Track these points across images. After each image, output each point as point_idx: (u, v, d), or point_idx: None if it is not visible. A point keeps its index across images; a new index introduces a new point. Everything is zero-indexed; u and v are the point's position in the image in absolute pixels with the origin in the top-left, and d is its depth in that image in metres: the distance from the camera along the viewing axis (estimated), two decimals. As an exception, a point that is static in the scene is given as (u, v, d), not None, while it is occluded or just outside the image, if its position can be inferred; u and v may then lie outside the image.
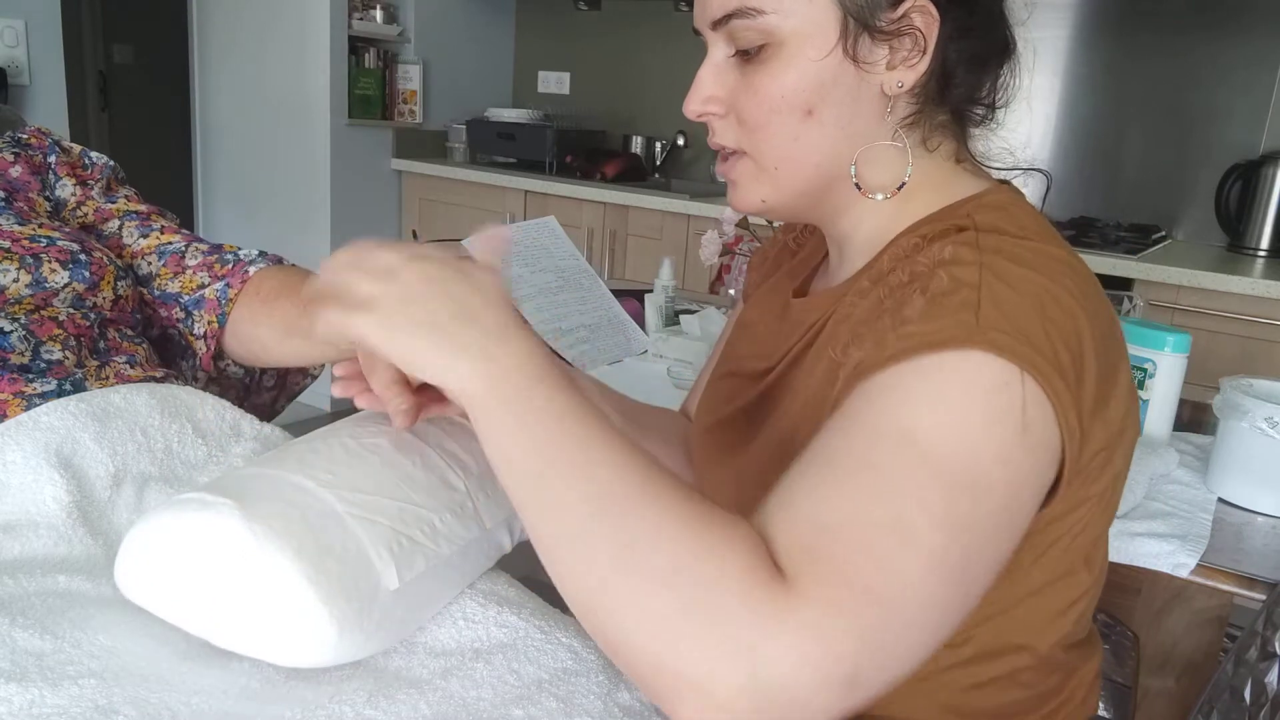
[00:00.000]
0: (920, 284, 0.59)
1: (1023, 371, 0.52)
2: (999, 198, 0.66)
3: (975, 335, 0.52)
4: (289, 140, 3.48)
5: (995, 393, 0.52)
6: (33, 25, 2.56)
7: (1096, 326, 0.57)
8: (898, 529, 0.47)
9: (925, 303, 0.56)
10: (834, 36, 0.62)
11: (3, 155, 0.95)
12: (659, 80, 3.60)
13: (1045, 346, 0.53)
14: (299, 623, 0.55)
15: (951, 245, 0.60)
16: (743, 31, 0.63)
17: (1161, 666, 1.11)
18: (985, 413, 0.51)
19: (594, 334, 1.56)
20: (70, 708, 0.51)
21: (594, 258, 3.18)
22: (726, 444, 0.77)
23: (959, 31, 0.63)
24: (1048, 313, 0.55)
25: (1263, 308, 2.18)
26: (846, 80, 0.63)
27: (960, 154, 0.69)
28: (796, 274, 0.82)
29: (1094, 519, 0.64)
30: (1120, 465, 0.63)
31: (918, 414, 0.51)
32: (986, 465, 0.50)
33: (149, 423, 0.75)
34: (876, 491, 0.49)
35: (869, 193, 0.67)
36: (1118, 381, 0.60)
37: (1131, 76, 2.76)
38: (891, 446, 0.50)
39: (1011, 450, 0.51)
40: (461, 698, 0.57)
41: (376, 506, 0.60)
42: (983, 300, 0.54)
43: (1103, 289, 0.64)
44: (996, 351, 0.52)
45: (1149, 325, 1.23)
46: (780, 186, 0.67)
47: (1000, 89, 0.68)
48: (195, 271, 0.96)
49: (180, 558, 0.56)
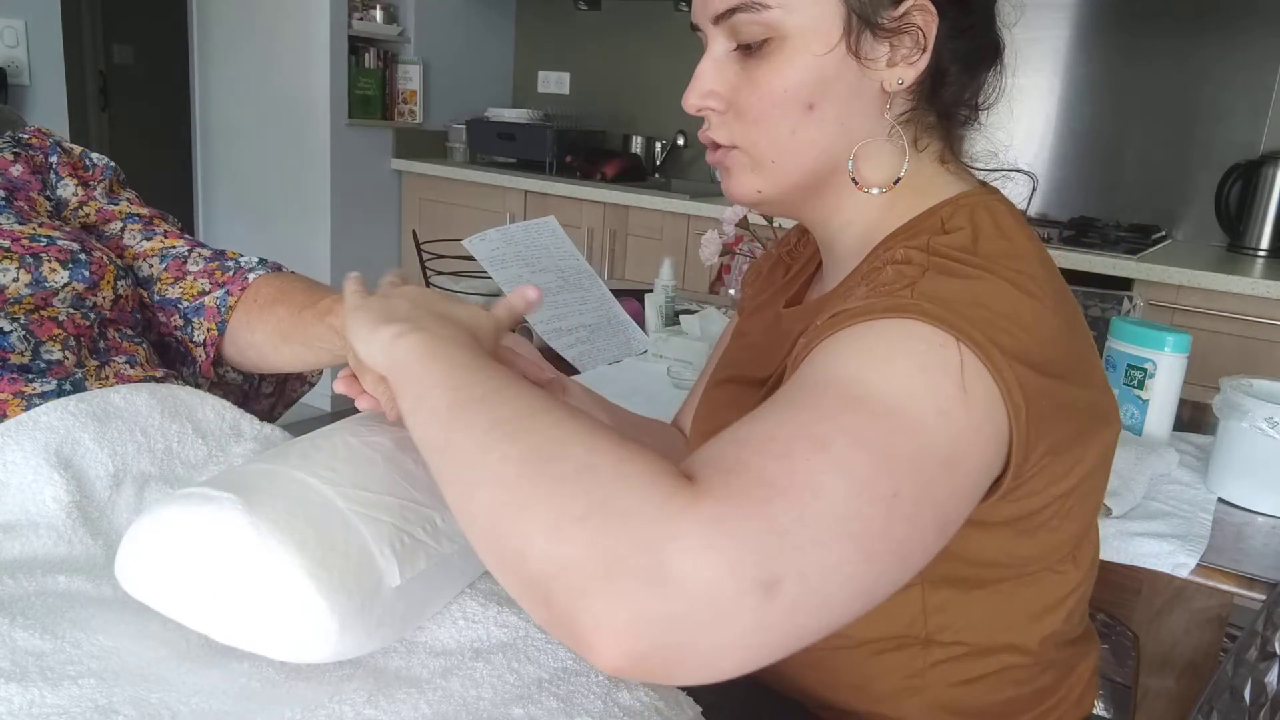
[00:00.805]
0: (870, 280, 0.60)
1: (958, 340, 0.52)
2: (973, 200, 0.66)
3: (909, 306, 0.53)
4: (289, 140, 3.48)
5: (930, 351, 0.52)
6: (33, 25, 2.56)
7: (1048, 323, 0.57)
8: (816, 443, 0.46)
9: (867, 290, 0.58)
10: (837, 32, 0.62)
11: (3, 155, 0.95)
12: (659, 80, 3.60)
13: (982, 324, 0.53)
14: (300, 618, 0.55)
15: (904, 248, 0.61)
16: (746, 25, 0.63)
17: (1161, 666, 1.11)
18: (921, 365, 0.51)
19: (594, 334, 1.56)
20: (70, 708, 0.51)
21: (594, 258, 3.18)
22: None
23: (955, 31, 0.64)
24: (986, 301, 0.55)
25: (1263, 308, 2.18)
26: (848, 76, 0.63)
27: (945, 155, 0.69)
28: (791, 285, 0.82)
29: (1072, 513, 0.63)
30: (1094, 461, 0.63)
31: (851, 365, 0.52)
32: (925, 413, 0.50)
33: (149, 423, 0.75)
34: (801, 417, 0.49)
35: (865, 187, 0.68)
36: (1080, 379, 0.60)
37: (1131, 76, 2.76)
38: (824, 388, 0.51)
39: (952, 405, 0.50)
40: (462, 697, 0.57)
41: (378, 504, 0.60)
42: (919, 283, 0.56)
43: (1072, 298, 0.64)
44: (930, 320, 0.52)
45: (1149, 325, 1.23)
46: (776, 179, 0.67)
47: (987, 90, 0.69)
48: (197, 278, 0.96)
49: (182, 552, 0.56)
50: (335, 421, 0.68)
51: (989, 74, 0.68)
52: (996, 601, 0.66)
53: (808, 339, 0.59)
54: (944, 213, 0.65)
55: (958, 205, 0.65)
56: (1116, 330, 1.26)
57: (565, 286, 1.60)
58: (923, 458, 0.49)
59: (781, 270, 0.85)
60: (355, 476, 0.61)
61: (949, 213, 0.65)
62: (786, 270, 0.85)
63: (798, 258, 0.84)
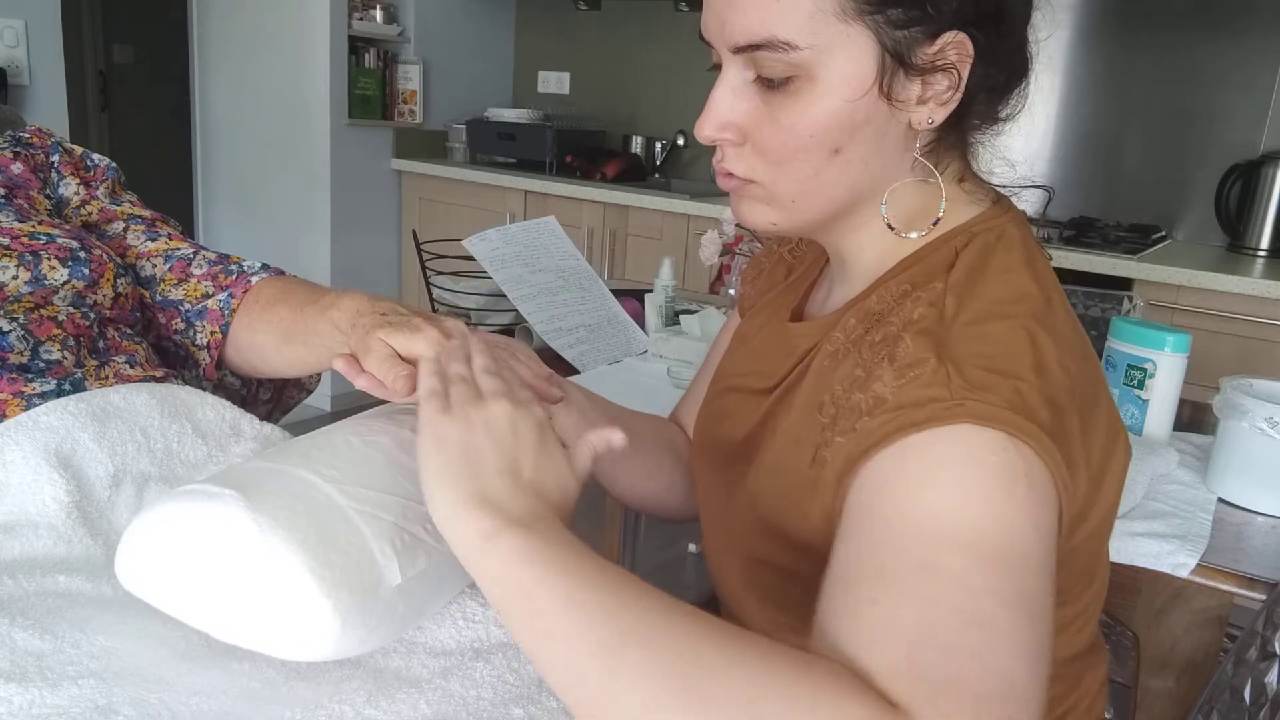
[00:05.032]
0: (888, 349, 0.58)
1: (1010, 436, 0.51)
2: (986, 226, 0.65)
3: (955, 410, 0.52)
4: (289, 140, 3.48)
5: (998, 461, 0.51)
6: (33, 25, 2.56)
7: (1068, 371, 0.57)
8: (979, 623, 0.47)
9: (894, 375, 0.56)
10: (871, 76, 0.58)
11: (3, 153, 0.95)
12: (659, 80, 3.60)
13: (1023, 407, 0.52)
14: (302, 616, 0.54)
15: (921, 306, 0.59)
16: (770, 62, 0.58)
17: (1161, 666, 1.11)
18: (998, 482, 0.51)
19: (594, 334, 1.56)
20: (70, 708, 0.51)
21: (594, 258, 3.18)
22: (730, 459, 0.76)
23: (988, 59, 0.61)
24: (1015, 371, 0.54)
25: (1263, 308, 2.18)
26: (878, 119, 0.60)
27: (964, 173, 0.67)
28: (794, 290, 0.80)
29: (1087, 548, 0.63)
30: (1110, 497, 0.63)
31: (936, 501, 0.50)
32: (1025, 534, 0.50)
33: (149, 423, 0.75)
34: (942, 591, 0.48)
35: (903, 232, 0.65)
36: (1096, 420, 0.60)
37: (1132, 76, 2.76)
38: (931, 541, 0.49)
39: (1039, 513, 0.51)
40: (461, 697, 0.57)
41: (379, 502, 0.60)
42: (951, 372, 0.54)
43: (1078, 323, 0.63)
44: (980, 422, 0.51)
45: (1149, 325, 1.23)
46: (793, 215, 0.65)
47: (1012, 105, 0.66)
48: (200, 280, 0.95)
49: (183, 548, 0.56)
50: (335, 422, 0.68)
51: (1016, 93, 0.66)
52: None
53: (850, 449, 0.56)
54: (957, 243, 0.64)
55: (971, 234, 0.64)
56: (1116, 330, 1.26)
57: (565, 286, 1.60)
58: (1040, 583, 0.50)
59: (783, 270, 0.84)
60: (356, 474, 0.61)
61: (962, 242, 0.64)
62: (789, 271, 0.83)
63: (801, 259, 0.83)
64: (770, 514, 0.66)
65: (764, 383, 0.74)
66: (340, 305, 0.81)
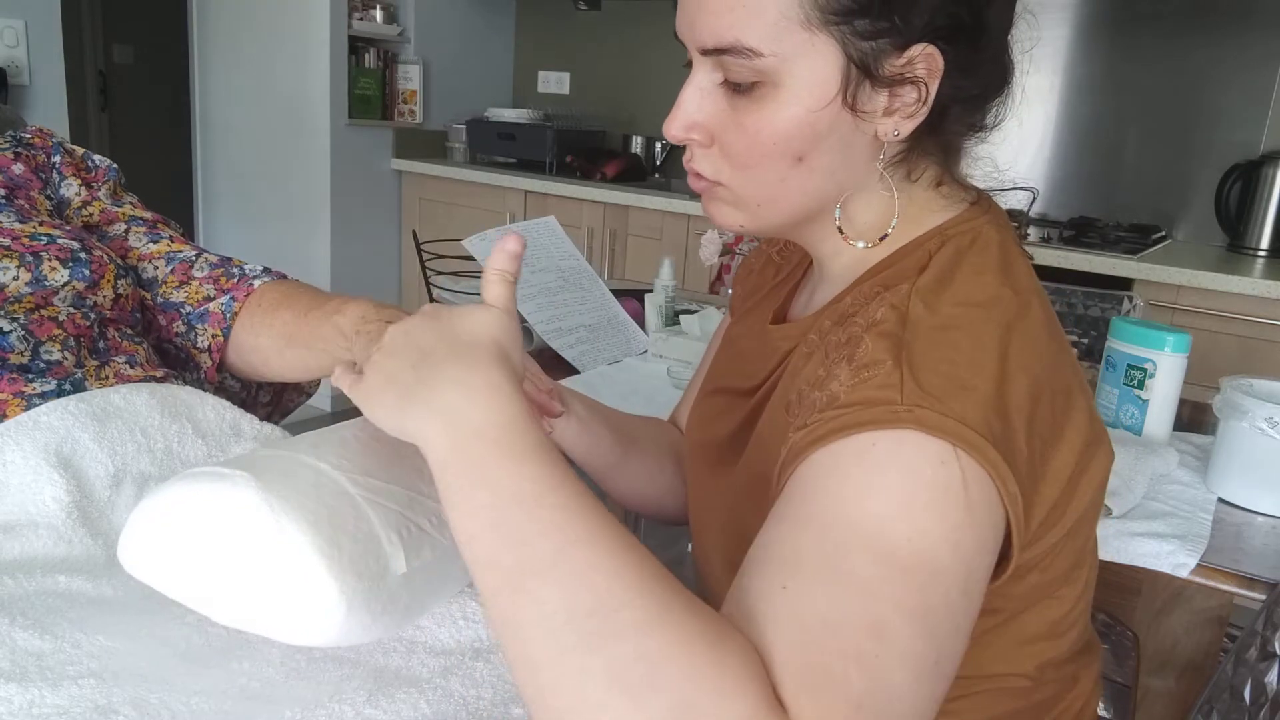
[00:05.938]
0: (850, 350, 0.58)
1: (955, 448, 0.51)
2: (961, 229, 0.64)
3: (902, 415, 0.51)
4: (289, 140, 3.48)
5: (935, 474, 0.51)
6: (33, 25, 2.56)
7: (1036, 379, 0.56)
8: (876, 631, 0.47)
9: (850, 374, 0.55)
10: (835, 86, 0.58)
11: (3, 154, 0.95)
12: (659, 80, 3.59)
13: (974, 418, 0.52)
14: (308, 597, 0.54)
15: (884, 308, 0.59)
16: (735, 66, 0.59)
17: (1161, 666, 1.11)
18: (930, 496, 0.50)
19: (594, 334, 1.56)
20: (70, 708, 0.51)
21: (594, 258, 3.18)
22: (716, 460, 0.76)
23: (960, 70, 0.59)
24: (973, 381, 0.53)
25: (1263, 308, 2.18)
26: (841, 129, 0.60)
27: (942, 178, 0.66)
28: (780, 291, 0.80)
29: (1066, 549, 0.63)
30: (1087, 500, 0.62)
31: (864, 502, 0.50)
32: (940, 552, 0.49)
33: (149, 422, 0.75)
34: (848, 594, 0.48)
35: (852, 239, 0.66)
36: (1070, 426, 0.59)
37: (1131, 76, 2.76)
38: (850, 541, 0.49)
39: (961, 532, 0.50)
40: (461, 696, 0.57)
41: (386, 492, 0.60)
42: (906, 376, 0.53)
43: (1057, 325, 0.62)
44: (926, 430, 0.51)
45: (1149, 325, 1.23)
46: (760, 218, 0.65)
47: (992, 115, 0.65)
48: (202, 283, 0.95)
49: (190, 529, 0.56)
50: (336, 423, 0.68)
51: (995, 102, 0.65)
52: (986, 639, 0.64)
53: (797, 438, 0.56)
54: (930, 245, 0.63)
55: (945, 237, 0.64)
56: (1116, 330, 1.26)
57: (565, 286, 1.60)
58: (951, 604, 0.50)
59: (772, 271, 0.84)
60: (364, 465, 0.61)
61: (936, 245, 0.63)
62: (777, 271, 0.83)
63: (788, 259, 0.83)
64: (748, 515, 0.66)
65: (748, 384, 0.75)
66: (345, 311, 0.81)
